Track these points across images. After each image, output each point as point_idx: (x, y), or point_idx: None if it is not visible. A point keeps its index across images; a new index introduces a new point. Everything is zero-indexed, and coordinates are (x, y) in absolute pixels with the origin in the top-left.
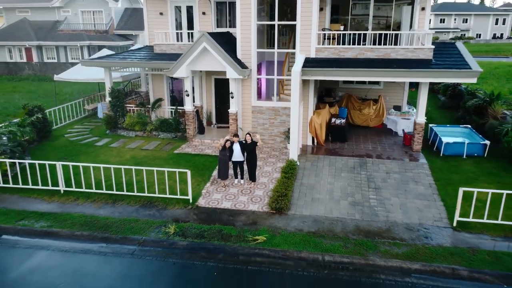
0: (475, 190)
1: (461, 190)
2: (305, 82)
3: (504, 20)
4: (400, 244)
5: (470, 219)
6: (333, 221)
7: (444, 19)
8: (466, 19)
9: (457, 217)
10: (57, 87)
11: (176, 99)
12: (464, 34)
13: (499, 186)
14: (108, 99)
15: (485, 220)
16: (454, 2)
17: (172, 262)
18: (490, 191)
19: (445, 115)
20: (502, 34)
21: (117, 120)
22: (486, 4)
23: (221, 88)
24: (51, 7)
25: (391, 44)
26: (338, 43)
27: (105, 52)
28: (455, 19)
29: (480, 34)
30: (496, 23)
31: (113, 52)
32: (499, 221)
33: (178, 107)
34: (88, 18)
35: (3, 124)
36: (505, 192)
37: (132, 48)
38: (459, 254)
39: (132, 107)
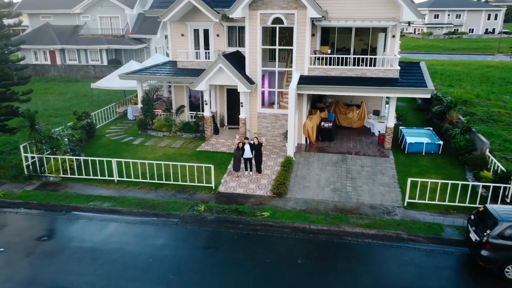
0: (419, 180)
1: (409, 180)
2: (300, 95)
3: (496, 15)
4: (364, 218)
5: (416, 201)
6: (318, 202)
7: (438, 15)
8: (460, 15)
9: (407, 199)
10: (86, 89)
11: (193, 104)
12: (458, 29)
13: (444, 177)
14: (140, 105)
15: (426, 201)
16: None
17: (204, 230)
18: (430, 180)
19: (418, 117)
20: (494, 29)
21: (147, 122)
22: None
23: (232, 96)
24: (72, 13)
25: (367, 65)
26: (326, 64)
27: (132, 64)
28: (448, 15)
29: (473, 29)
30: (489, 19)
31: (139, 64)
32: (436, 202)
33: (198, 112)
34: (106, 23)
35: (61, 128)
36: (439, 181)
37: (150, 58)
38: (404, 224)
39: (159, 112)
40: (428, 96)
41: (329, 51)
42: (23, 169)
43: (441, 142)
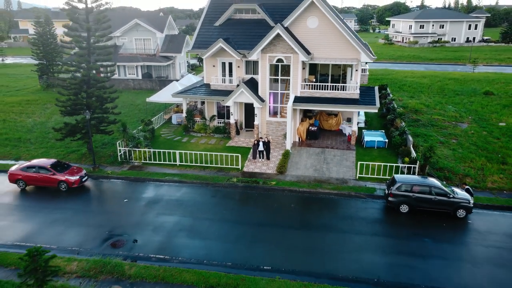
0: (364, 163)
1: (359, 163)
2: (294, 109)
3: (476, 25)
4: (331, 185)
5: (364, 175)
6: (305, 177)
7: (423, 25)
8: (443, 25)
9: (358, 175)
10: (131, 99)
11: (220, 113)
12: (441, 38)
13: (384, 161)
14: (184, 114)
15: (370, 176)
16: (432, 10)
17: (236, 191)
18: (371, 163)
19: (380, 122)
20: (474, 38)
21: (189, 126)
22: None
23: (248, 109)
24: (113, 36)
25: (339, 90)
26: (312, 88)
27: (175, 85)
28: (433, 25)
29: (455, 38)
30: (469, 28)
31: (180, 84)
32: (375, 176)
33: (225, 120)
34: (140, 44)
35: (137, 129)
36: (377, 163)
37: (184, 77)
38: (353, 188)
39: (197, 119)
40: (376, 110)
41: (314, 80)
42: (117, 157)
43: (387, 140)
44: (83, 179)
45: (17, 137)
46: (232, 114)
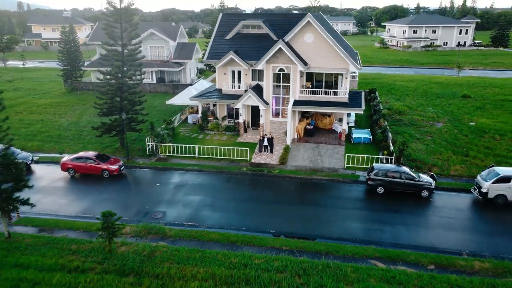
0: (351, 155)
1: (346, 156)
2: (293, 111)
3: (467, 30)
4: (323, 172)
5: (350, 165)
6: (302, 166)
7: (416, 30)
8: (435, 30)
9: (345, 165)
10: (148, 101)
11: (229, 114)
12: (433, 42)
13: (368, 153)
14: (200, 115)
15: (355, 165)
16: (425, 16)
17: (246, 178)
18: (357, 155)
19: (367, 122)
20: (465, 42)
21: (204, 125)
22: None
23: (254, 110)
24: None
25: (331, 95)
26: (308, 93)
27: (190, 90)
28: (425, 30)
29: (446, 42)
30: (460, 33)
31: (195, 89)
32: (360, 165)
33: (235, 120)
34: (154, 51)
35: (161, 127)
36: (361, 155)
37: (197, 82)
38: (341, 175)
39: (211, 119)
40: (361, 112)
41: (310, 86)
42: (145, 150)
43: (371, 137)
44: (121, 168)
45: (57, 135)
46: (240, 115)
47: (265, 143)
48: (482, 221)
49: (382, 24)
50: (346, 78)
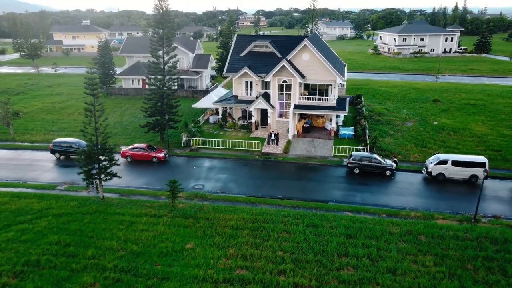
0: (338, 146)
1: (334, 147)
2: (294, 113)
3: (452, 38)
4: (316, 159)
5: (337, 154)
6: (300, 155)
7: (406, 38)
8: (423, 38)
9: (333, 153)
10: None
11: (243, 115)
12: (421, 49)
13: (350, 145)
14: (220, 116)
15: (341, 154)
16: (413, 25)
17: (258, 163)
18: (342, 146)
19: (352, 121)
20: (450, 49)
21: (223, 124)
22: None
23: (263, 112)
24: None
25: (323, 100)
26: (305, 99)
27: (211, 96)
28: (414, 38)
29: (434, 49)
30: (446, 41)
31: (214, 94)
32: (344, 154)
33: (248, 120)
34: None
35: (190, 126)
36: (345, 146)
37: (215, 89)
38: (330, 161)
39: (229, 119)
40: (346, 114)
41: (307, 93)
42: (180, 143)
43: (354, 133)
44: (166, 156)
45: (108, 132)
46: (253, 116)
47: (272, 137)
48: (424, 190)
49: (374, 33)
50: (334, 87)
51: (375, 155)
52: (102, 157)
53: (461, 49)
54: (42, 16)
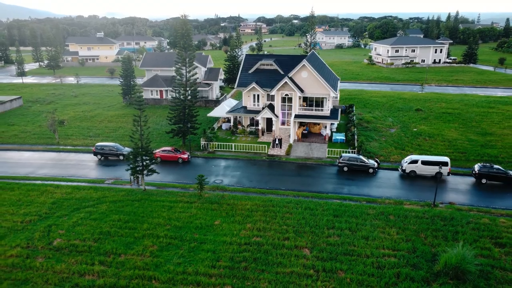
0: (331, 149)
1: (328, 149)
2: (294, 121)
3: (441, 49)
4: (313, 159)
5: (331, 155)
6: (299, 156)
7: (398, 50)
8: (414, 49)
9: (327, 155)
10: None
11: (251, 123)
12: (413, 60)
13: (341, 148)
14: (231, 123)
15: (333, 156)
16: (405, 37)
17: (265, 163)
18: (334, 149)
19: (344, 128)
20: (440, 60)
21: (234, 130)
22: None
23: (268, 120)
24: (170, 69)
25: (319, 111)
26: (304, 110)
27: (223, 106)
28: (406, 50)
29: (424, 60)
30: (436, 52)
31: (226, 104)
32: (336, 155)
33: (255, 127)
34: None
35: (208, 131)
36: (337, 149)
37: (226, 100)
38: (324, 161)
39: (239, 127)
40: (338, 122)
41: (305, 105)
42: (199, 147)
43: (344, 138)
44: (189, 157)
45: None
46: (259, 124)
47: (276, 142)
48: (399, 184)
49: (370, 42)
50: (328, 100)
51: (361, 156)
52: (145, 157)
53: (450, 59)
54: (55, 26)
